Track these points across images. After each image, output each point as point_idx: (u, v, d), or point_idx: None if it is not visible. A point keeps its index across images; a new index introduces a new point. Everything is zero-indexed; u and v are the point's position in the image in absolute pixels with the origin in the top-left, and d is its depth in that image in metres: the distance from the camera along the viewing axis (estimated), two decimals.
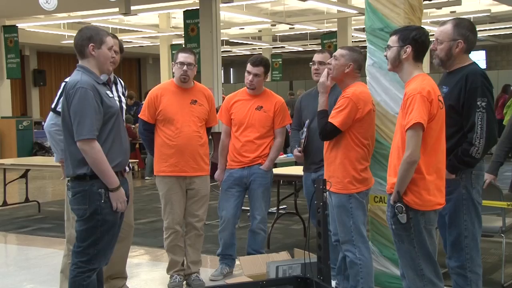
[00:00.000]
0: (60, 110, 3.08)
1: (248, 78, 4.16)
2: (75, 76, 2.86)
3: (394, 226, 2.78)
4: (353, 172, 3.30)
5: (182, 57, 3.94)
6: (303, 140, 3.80)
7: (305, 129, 3.81)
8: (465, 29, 3.06)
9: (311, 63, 3.86)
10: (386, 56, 2.90)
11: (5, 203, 7.16)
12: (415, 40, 2.80)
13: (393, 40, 2.86)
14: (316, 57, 3.82)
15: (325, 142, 3.42)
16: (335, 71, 3.38)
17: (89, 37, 2.88)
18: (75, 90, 2.77)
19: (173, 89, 4.02)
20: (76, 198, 2.85)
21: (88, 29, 2.93)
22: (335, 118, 3.27)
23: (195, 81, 4.11)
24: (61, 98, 3.02)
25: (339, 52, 3.41)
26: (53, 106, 3.52)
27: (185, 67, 3.93)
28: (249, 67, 4.16)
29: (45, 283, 4.31)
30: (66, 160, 2.92)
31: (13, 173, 7.72)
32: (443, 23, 3.14)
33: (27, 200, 7.39)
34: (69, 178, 2.93)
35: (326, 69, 3.47)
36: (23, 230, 6.20)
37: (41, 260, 4.99)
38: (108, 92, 2.94)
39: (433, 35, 3.14)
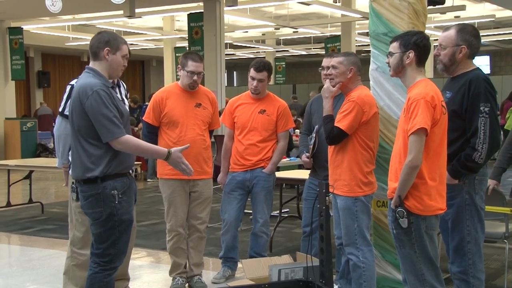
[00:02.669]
0: (68, 113, 3.09)
1: (252, 83, 4.16)
2: (87, 79, 2.87)
3: (395, 230, 2.79)
4: (360, 175, 3.32)
5: (193, 66, 3.92)
6: (311, 146, 3.80)
7: (314, 135, 3.81)
8: (469, 35, 3.07)
9: (320, 68, 3.84)
10: (388, 63, 2.91)
11: (8, 204, 7.18)
12: (417, 45, 2.81)
13: (394, 46, 2.87)
14: (325, 62, 3.77)
15: (330, 146, 3.43)
16: (338, 79, 3.40)
17: (107, 41, 2.91)
18: (91, 93, 2.78)
19: (178, 92, 4.04)
20: (89, 202, 2.86)
21: (107, 34, 2.97)
22: (342, 122, 3.29)
23: (199, 84, 4.12)
24: (69, 101, 3.03)
25: (335, 60, 3.42)
26: (60, 109, 3.54)
27: (195, 77, 3.94)
28: (252, 72, 4.15)
29: (48, 284, 4.32)
30: (74, 162, 2.92)
31: (17, 174, 7.75)
32: (446, 28, 3.15)
33: (30, 201, 7.42)
34: (74, 181, 2.94)
35: (327, 80, 3.47)
36: (26, 231, 6.22)
37: (44, 261, 5.00)
38: (118, 95, 2.97)
39: (436, 39, 3.15)
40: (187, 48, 11.81)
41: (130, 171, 3.08)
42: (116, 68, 2.96)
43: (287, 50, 21.12)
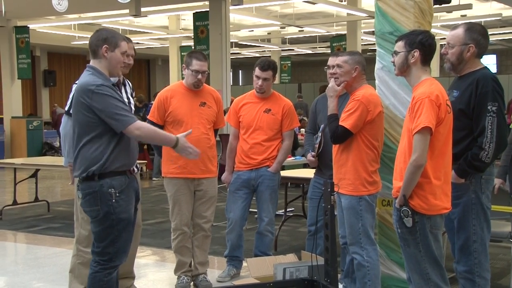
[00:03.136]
0: None
1: (257, 82, 4.17)
2: (88, 77, 2.88)
3: (400, 229, 2.79)
4: (365, 174, 3.31)
5: (197, 65, 3.94)
6: (317, 145, 3.80)
7: (319, 134, 3.80)
8: (477, 34, 3.05)
9: (326, 67, 3.83)
10: (393, 62, 2.90)
11: (15, 202, 7.22)
12: (422, 44, 2.80)
13: (399, 45, 2.86)
14: (331, 61, 3.73)
15: (334, 145, 3.43)
16: (342, 78, 3.39)
17: (105, 39, 2.91)
18: (94, 88, 2.79)
19: (183, 91, 4.04)
20: (87, 200, 2.87)
21: (105, 31, 2.97)
22: (346, 121, 3.29)
23: (204, 83, 4.13)
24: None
25: (340, 59, 3.41)
26: (66, 108, 3.55)
27: (199, 76, 3.94)
28: (257, 71, 4.16)
29: (53, 282, 4.34)
30: (75, 161, 2.94)
31: (23, 172, 7.79)
32: (455, 27, 3.14)
33: (36, 199, 7.45)
34: (78, 179, 2.95)
35: (332, 79, 3.47)
36: (32, 229, 6.25)
37: (50, 259, 5.02)
38: (124, 94, 2.97)
39: (442, 38, 3.14)
40: (193, 47, 11.82)
41: (135, 169, 3.09)
42: (115, 66, 2.96)
43: (293, 49, 21.10)
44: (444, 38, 3.19)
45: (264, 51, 21.37)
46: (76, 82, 3.57)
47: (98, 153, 2.82)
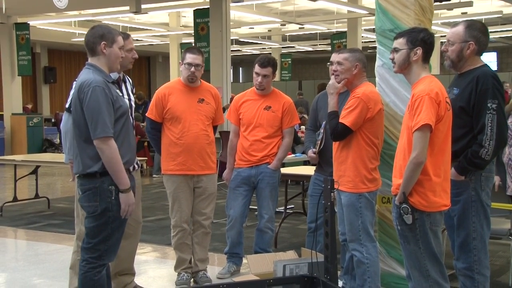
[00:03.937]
0: None
1: (257, 79, 4.17)
2: (87, 75, 2.87)
3: (399, 226, 2.80)
4: (364, 172, 3.32)
5: (189, 58, 3.95)
6: (319, 142, 3.80)
7: (321, 131, 3.80)
8: (477, 31, 3.06)
9: (328, 63, 3.81)
10: (392, 59, 2.90)
11: (15, 199, 7.22)
12: (425, 42, 2.81)
13: (400, 42, 2.86)
14: (334, 57, 3.69)
15: (334, 142, 3.43)
16: (343, 75, 3.39)
17: (102, 35, 2.89)
18: (90, 89, 2.78)
19: (181, 88, 4.05)
20: (86, 195, 2.87)
21: (101, 27, 2.95)
22: (346, 118, 3.29)
23: (202, 80, 4.13)
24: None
25: (341, 56, 3.41)
26: (67, 106, 3.55)
27: (192, 68, 3.95)
28: (257, 68, 4.17)
29: (54, 278, 4.35)
30: (76, 158, 2.93)
31: (23, 169, 7.79)
32: (455, 24, 3.14)
33: (37, 196, 7.46)
34: (78, 175, 2.96)
35: (333, 76, 3.47)
36: (32, 226, 6.26)
37: (51, 255, 5.03)
38: (118, 91, 2.96)
39: (443, 36, 3.15)
40: (193, 44, 11.81)
41: (136, 166, 3.09)
42: (115, 61, 2.94)
43: (293, 47, 21.10)
44: (445, 36, 3.19)
45: (265, 48, 21.36)
46: (76, 79, 3.58)
47: (97, 152, 2.81)
